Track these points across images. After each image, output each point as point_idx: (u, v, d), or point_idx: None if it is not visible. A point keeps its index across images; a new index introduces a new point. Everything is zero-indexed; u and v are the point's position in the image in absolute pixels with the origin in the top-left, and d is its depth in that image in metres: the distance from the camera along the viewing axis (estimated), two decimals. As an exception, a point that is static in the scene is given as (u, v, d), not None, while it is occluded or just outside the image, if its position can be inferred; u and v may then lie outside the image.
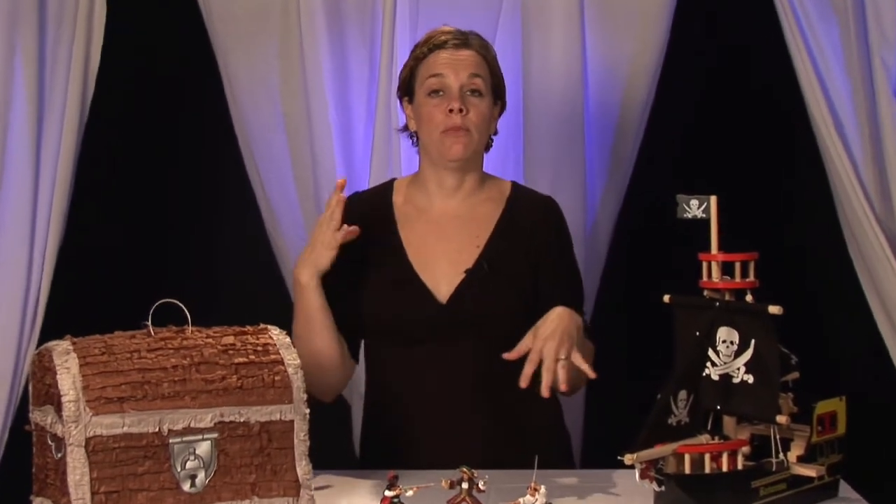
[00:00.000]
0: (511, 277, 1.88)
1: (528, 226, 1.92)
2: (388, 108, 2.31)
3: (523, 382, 1.66)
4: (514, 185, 2.01)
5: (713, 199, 1.65)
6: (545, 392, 1.65)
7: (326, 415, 1.81)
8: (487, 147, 1.97)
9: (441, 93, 1.89)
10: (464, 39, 1.92)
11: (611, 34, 2.33)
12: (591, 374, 1.71)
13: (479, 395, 1.85)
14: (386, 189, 2.00)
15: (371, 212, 1.95)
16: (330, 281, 1.88)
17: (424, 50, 1.93)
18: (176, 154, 2.51)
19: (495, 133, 1.98)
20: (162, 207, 2.53)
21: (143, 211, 2.51)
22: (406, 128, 2.00)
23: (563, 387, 1.69)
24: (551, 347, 1.67)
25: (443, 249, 1.90)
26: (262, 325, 1.69)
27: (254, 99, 2.39)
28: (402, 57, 2.20)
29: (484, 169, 1.99)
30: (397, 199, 1.97)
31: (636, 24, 2.31)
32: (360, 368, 1.99)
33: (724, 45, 2.46)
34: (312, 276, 1.82)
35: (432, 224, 1.93)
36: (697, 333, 1.66)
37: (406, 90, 1.96)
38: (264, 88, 2.39)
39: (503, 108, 1.99)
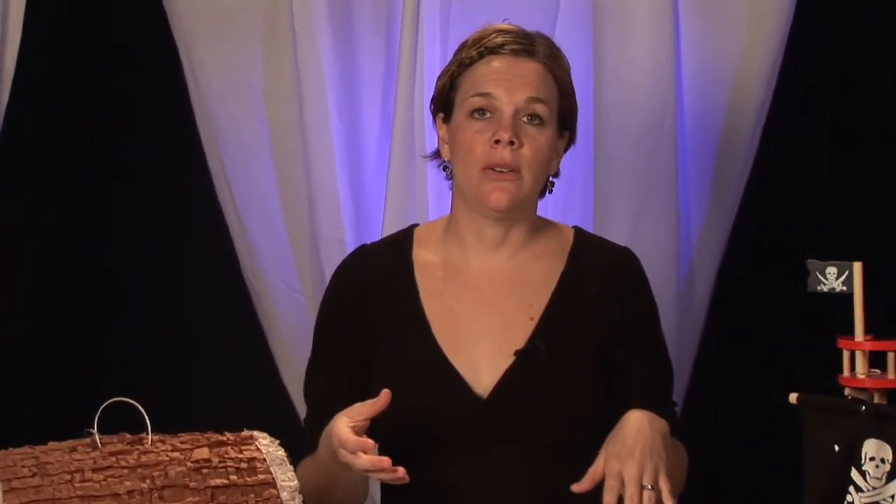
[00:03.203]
0: (576, 362, 1.88)
1: (598, 290, 1.92)
2: (410, 123, 2.36)
3: None
4: (579, 232, 2.00)
5: (857, 266, 1.65)
6: None
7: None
8: (544, 191, 1.97)
9: (488, 115, 1.89)
10: (528, 45, 1.90)
11: (712, 27, 2.37)
12: None
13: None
14: (404, 240, 1.98)
15: (384, 272, 1.93)
16: (330, 373, 1.91)
17: (472, 53, 1.91)
18: (123, 178, 2.57)
19: (556, 175, 1.97)
20: (101, 251, 2.57)
21: (75, 256, 2.55)
22: (437, 154, 2.00)
23: None
24: (632, 473, 1.66)
25: (483, 324, 1.90)
26: (246, 432, 1.70)
27: (227, 104, 2.46)
28: (427, 50, 2.24)
29: (538, 211, 2.00)
30: (420, 253, 1.96)
31: (745, 14, 2.35)
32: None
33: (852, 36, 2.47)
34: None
35: (468, 289, 1.92)
36: (836, 448, 1.65)
37: (443, 104, 1.94)
38: (242, 91, 2.46)
39: (571, 141, 1.99)
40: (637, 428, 1.72)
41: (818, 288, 1.66)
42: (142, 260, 2.57)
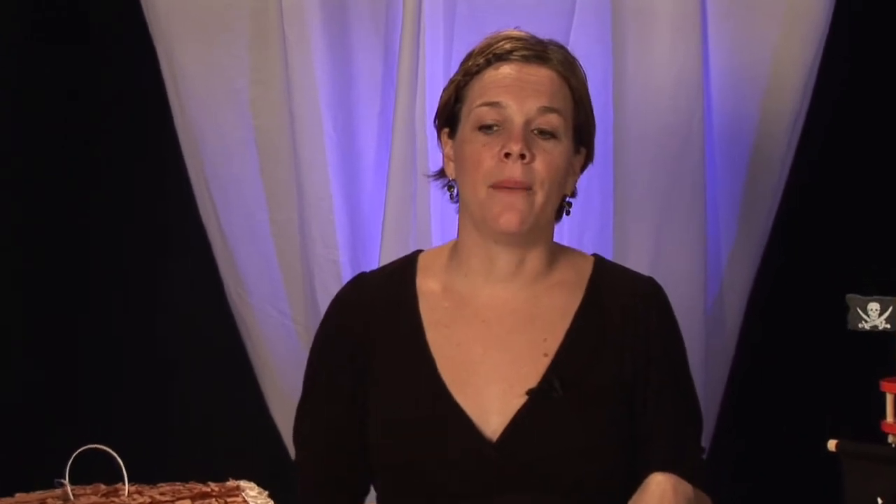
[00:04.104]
0: (594, 403, 1.87)
1: (620, 324, 1.91)
2: (410, 133, 2.36)
3: None
4: (599, 261, 1.99)
5: (903, 302, 1.66)
6: None
7: None
8: (560, 213, 1.96)
9: (496, 127, 1.88)
10: (539, 51, 1.89)
11: (743, 26, 2.36)
12: None
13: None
14: (407, 268, 1.97)
15: (386, 304, 1.93)
16: (324, 415, 1.90)
17: (480, 61, 1.90)
18: (97, 194, 2.57)
19: (573, 194, 1.97)
20: (76, 272, 2.57)
21: (50, 276, 2.56)
22: (442, 173, 1.99)
23: None
24: None
25: (493, 361, 1.89)
26: (231, 482, 1.70)
27: (210, 112, 2.46)
28: (430, 53, 2.23)
29: (555, 237, 1.99)
30: (425, 283, 1.95)
31: (779, 12, 2.34)
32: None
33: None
34: None
35: (477, 322, 1.92)
36: (880, 501, 1.65)
37: (448, 118, 1.93)
38: (227, 98, 2.46)
39: (589, 158, 1.98)
40: (660, 496, 1.71)
41: (859, 325, 1.67)
42: (119, 285, 2.58)
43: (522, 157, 1.84)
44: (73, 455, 1.62)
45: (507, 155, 1.84)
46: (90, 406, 2.38)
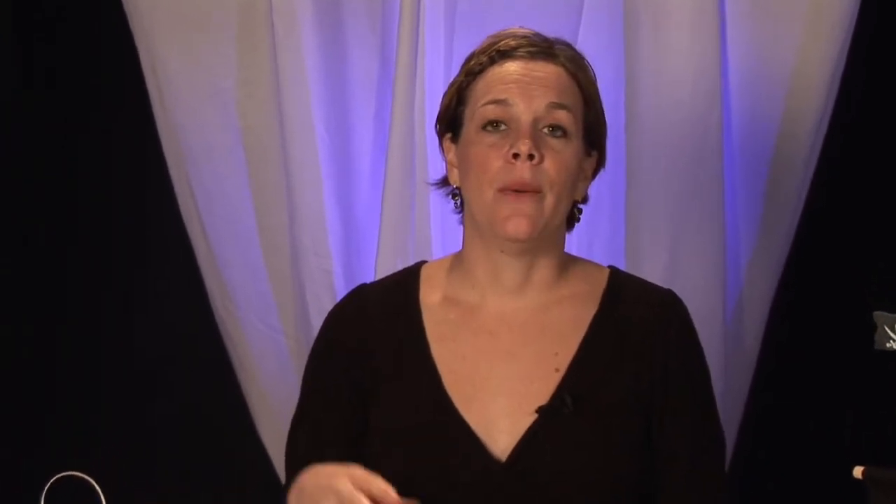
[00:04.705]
0: (609, 421, 1.86)
1: (636, 338, 1.91)
2: (409, 135, 2.35)
3: None
4: (614, 272, 1.98)
5: (935, 322, 1.64)
6: None
7: None
8: (571, 222, 1.96)
9: (503, 127, 1.87)
10: (546, 48, 1.89)
11: (764, 20, 2.36)
12: None
13: None
14: (410, 280, 1.97)
15: (388, 317, 1.93)
16: (321, 436, 1.89)
17: (483, 60, 1.90)
18: (75, 199, 2.57)
19: (584, 200, 1.96)
20: (52, 283, 2.56)
21: (13, 288, 2.55)
22: (445, 181, 1.99)
23: None
24: None
25: (501, 376, 1.89)
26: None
27: (194, 112, 2.46)
28: (429, 49, 2.24)
29: (565, 246, 1.98)
30: (428, 295, 1.95)
31: (803, 5, 2.34)
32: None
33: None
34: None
35: (484, 335, 1.91)
36: (912, 531, 1.65)
37: (450, 122, 1.93)
38: (212, 97, 2.46)
39: (601, 163, 1.97)
40: None
41: (887, 345, 1.65)
42: (95, 296, 2.57)
43: (531, 157, 1.84)
44: (48, 484, 1.61)
45: (516, 156, 1.84)
46: (65, 429, 2.36)
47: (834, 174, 2.40)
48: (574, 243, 2.25)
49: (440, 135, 1.96)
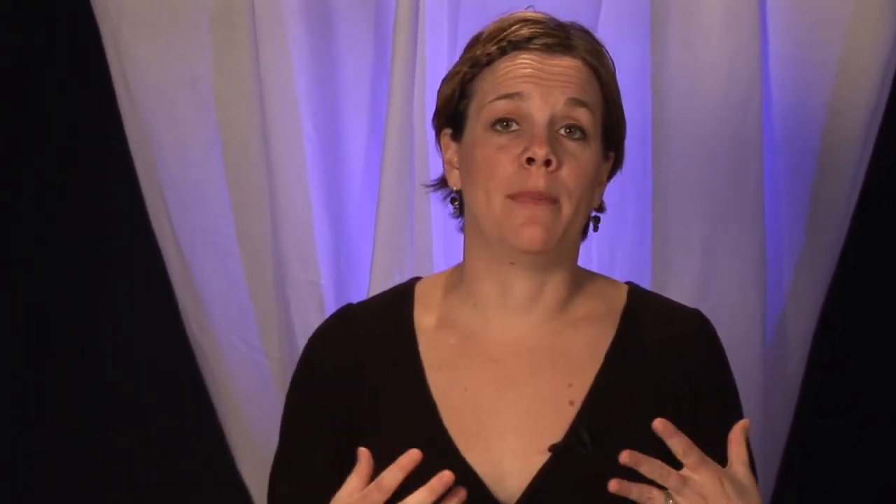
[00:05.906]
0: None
1: (659, 365, 1.87)
2: (408, 134, 2.30)
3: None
4: (634, 290, 1.95)
5: None
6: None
7: None
8: (586, 230, 1.92)
9: (514, 126, 1.82)
10: (562, 37, 1.84)
11: (808, 3, 2.30)
12: None
13: None
14: (402, 299, 1.93)
15: (378, 341, 1.89)
16: (306, 473, 1.82)
17: (491, 50, 1.85)
18: (30, 201, 2.51)
19: (601, 208, 1.93)
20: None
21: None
22: (443, 183, 1.94)
23: None
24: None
25: (508, 410, 1.84)
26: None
27: (165, 106, 2.40)
28: (430, 39, 2.21)
29: (581, 256, 1.95)
30: (424, 317, 1.90)
31: None
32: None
33: None
34: None
35: (487, 362, 1.87)
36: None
37: (450, 117, 1.89)
38: (185, 89, 2.39)
39: (618, 165, 1.95)
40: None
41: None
42: (50, 313, 2.52)
43: (548, 163, 1.78)
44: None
45: (530, 161, 1.78)
46: (8, 465, 2.27)
47: (889, 176, 2.36)
48: (594, 254, 2.26)
49: (437, 130, 1.92)
